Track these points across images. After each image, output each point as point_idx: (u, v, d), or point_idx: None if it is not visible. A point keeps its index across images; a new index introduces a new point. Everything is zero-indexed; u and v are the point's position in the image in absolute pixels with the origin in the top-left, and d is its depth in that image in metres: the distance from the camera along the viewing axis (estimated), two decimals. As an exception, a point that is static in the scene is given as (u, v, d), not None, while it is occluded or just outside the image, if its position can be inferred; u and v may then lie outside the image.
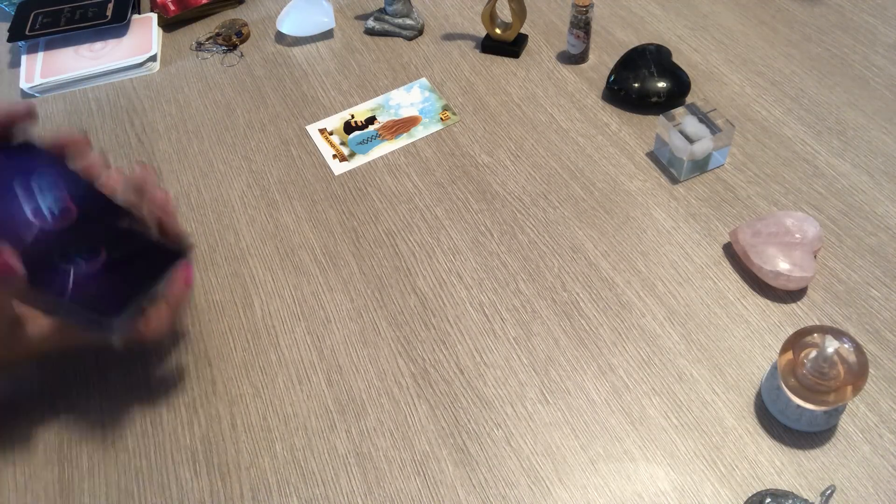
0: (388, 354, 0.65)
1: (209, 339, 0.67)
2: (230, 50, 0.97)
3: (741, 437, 0.57)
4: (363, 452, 0.59)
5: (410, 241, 0.73)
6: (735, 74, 0.85)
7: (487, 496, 0.56)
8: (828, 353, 0.51)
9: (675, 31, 0.92)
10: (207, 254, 0.74)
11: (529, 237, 0.72)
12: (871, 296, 0.65)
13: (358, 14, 0.99)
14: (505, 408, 0.60)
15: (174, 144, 0.85)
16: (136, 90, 0.93)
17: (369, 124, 0.84)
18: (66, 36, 0.98)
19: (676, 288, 0.67)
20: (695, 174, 0.75)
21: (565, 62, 0.89)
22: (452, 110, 0.85)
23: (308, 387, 0.63)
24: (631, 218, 0.72)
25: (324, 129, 0.84)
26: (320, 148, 0.82)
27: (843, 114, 0.80)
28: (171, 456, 0.60)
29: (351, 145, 0.82)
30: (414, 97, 0.87)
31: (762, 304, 0.65)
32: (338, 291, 0.70)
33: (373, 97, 0.87)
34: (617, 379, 0.61)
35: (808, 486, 0.54)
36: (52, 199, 0.47)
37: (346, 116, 0.86)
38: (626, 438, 0.58)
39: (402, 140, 0.82)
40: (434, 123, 0.83)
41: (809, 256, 0.64)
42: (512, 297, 0.67)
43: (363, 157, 0.81)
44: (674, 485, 0.55)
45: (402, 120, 0.84)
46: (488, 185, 0.77)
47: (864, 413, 0.58)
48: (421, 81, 0.88)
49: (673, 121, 0.73)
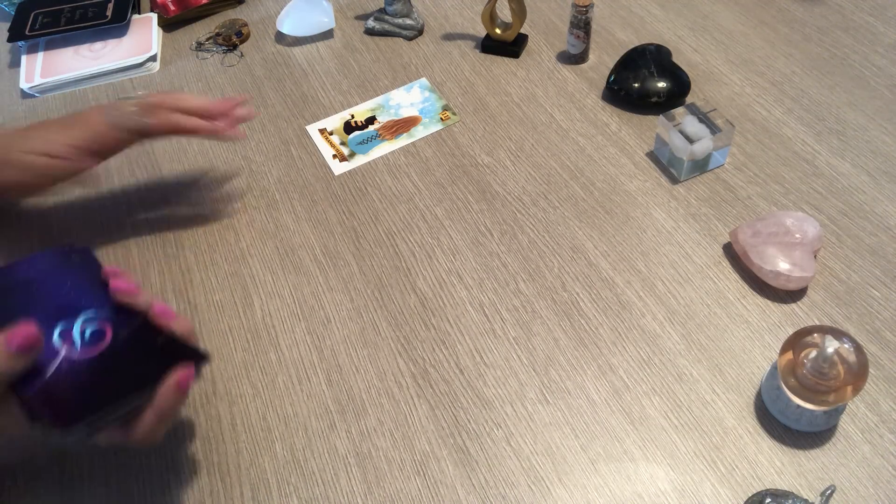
0: (388, 354, 0.65)
1: (209, 339, 0.67)
2: (230, 50, 0.97)
3: (741, 437, 0.57)
4: (363, 452, 0.59)
5: (410, 241, 0.73)
6: (735, 74, 0.85)
7: (487, 496, 0.56)
8: (828, 353, 0.51)
9: (675, 31, 0.92)
10: (207, 254, 0.74)
11: (529, 237, 0.72)
12: (871, 296, 0.65)
13: (358, 14, 0.99)
14: (505, 408, 0.60)
15: (174, 144, 0.85)
16: (136, 90, 0.93)
17: (369, 124, 0.84)
18: (66, 36, 0.98)
19: (676, 288, 0.67)
20: (695, 174, 0.75)
21: (565, 62, 0.89)
22: (452, 110, 0.85)
23: (308, 387, 0.63)
24: (631, 218, 0.72)
25: (324, 129, 0.84)
26: (320, 148, 0.82)
27: (843, 114, 0.80)
28: (170, 456, 0.60)
29: (351, 145, 0.82)
30: (414, 97, 0.87)
31: (762, 304, 0.65)
32: (338, 291, 0.70)
33: (373, 97, 0.87)
34: (617, 379, 0.61)
35: (808, 486, 0.54)
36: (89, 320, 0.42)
37: (346, 116, 0.86)
38: (626, 438, 0.58)
39: (402, 140, 0.82)
40: (434, 123, 0.83)
41: (809, 256, 0.64)
42: (512, 297, 0.67)
43: (363, 157, 0.81)
44: (674, 485, 0.55)
45: (402, 120, 0.84)
46: (488, 185, 0.77)
47: (864, 413, 0.58)
48: (421, 81, 0.88)
49: (673, 121, 0.73)
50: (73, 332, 0.42)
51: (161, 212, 0.78)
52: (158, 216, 0.77)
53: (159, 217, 0.77)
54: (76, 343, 0.42)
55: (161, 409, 0.49)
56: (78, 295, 0.43)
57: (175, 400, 0.49)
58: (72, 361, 0.41)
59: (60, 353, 0.41)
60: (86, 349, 0.42)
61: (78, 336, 0.42)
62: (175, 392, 0.49)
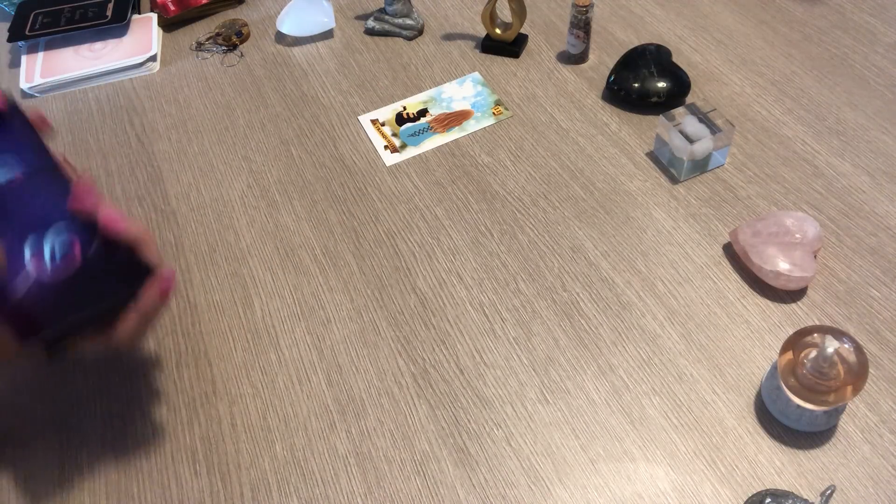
0: (388, 354, 0.65)
1: (209, 339, 0.67)
2: (230, 50, 0.97)
3: (741, 437, 0.57)
4: (363, 452, 0.59)
5: (410, 241, 0.73)
6: (735, 74, 0.85)
7: (487, 496, 0.56)
8: (828, 353, 0.51)
9: (675, 31, 0.92)
10: (207, 254, 0.74)
11: (529, 237, 0.72)
12: (871, 296, 0.65)
13: (358, 14, 0.99)
14: (505, 408, 0.60)
15: (174, 144, 0.85)
16: (136, 90, 0.93)
17: (421, 116, 0.85)
18: (66, 36, 0.98)
19: (676, 288, 0.67)
20: (695, 174, 0.75)
21: (565, 62, 0.89)
22: (505, 105, 0.85)
23: (308, 387, 0.63)
24: (631, 218, 0.72)
25: (376, 119, 0.85)
26: (372, 138, 0.83)
27: (843, 114, 0.80)
28: (171, 456, 0.60)
29: (403, 136, 0.83)
30: (466, 91, 0.87)
31: (762, 304, 0.65)
32: (338, 291, 0.70)
33: (424, 90, 0.88)
34: (617, 379, 0.61)
35: (808, 486, 0.54)
36: None
37: (397, 108, 0.86)
38: (626, 438, 0.58)
39: (453, 133, 0.82)
40: (486, 118, 0.83)
41: (809, 256, 0.64)
42: (512, 297, 0.67)
43: (414, 149, 0.81)
44: (674, 485, 0.55)
45: (453, 113, 0.85)
46: (488, 185, 0.77)
47: (864, 413, 0.58)
48: (473, 76, 0.88)
49: (673, 121, 0.73)
50: (43, 251, 0.42)
51: (161, 212, 0.78)
52: (158, 216, 0.78)
53: (159, 217, 0.77)
54: (46, 263, 0.41)
55: (144, 312, 0.51)
56: (45, 206, 0.43)
57: (157, 303, 0.52)
58: (42, 283, 0.41)
59: (31, 275, 0.41)
60: (56, 268, 0.42)
61: (48, 255, 0.42)
62: (157, 296, 0.52)
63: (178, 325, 0.68)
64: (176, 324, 0.68)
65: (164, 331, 0.68)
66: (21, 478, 0.60)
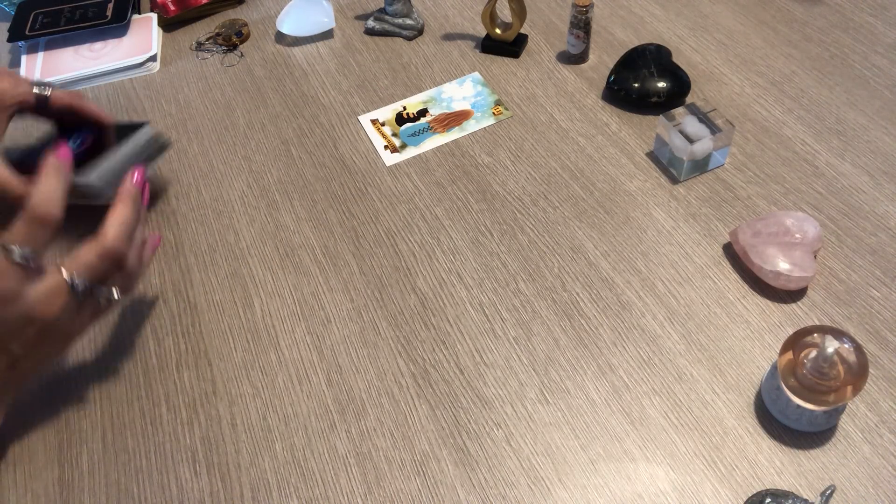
0: (388, 354, 0.65)
1: (209, 339, 0.67)
2: (230, 50, 0.97)
3: (741, 437, 0.57)
4: (363, 452, 0.59)
5: (410, 241, 0.73)
6: (735, 74, 0.85)
7: (487, 496, 0.56)
8: (828, 353, 0.51)
9: (675, 31, 0.92)
10: (207, 254, 0.74)
11: (529, 237, 0.72)
12: (871, 296, 0.65)
13: (358, 14, 0.99)
14: (505, 408, 0.60)
15: (174, 145, 0.85)
16: (136, 90, 0.93)
17: (421, 116, 0.85)
18: (66, 36, 0.98)
19: (676, 288, 0.67)
20: (695, 174, 0.75)
21: (565, 62, 0.89)
22: (505, 105, 0.85)
23: (308, 387, 0.63)
24: (631, 218, 0.73)
25: (376, 119, 0.85)
26: (372, 138, 0.82)
27: (843, 114, 0.80)
28: (171, 456, 0.60)
29: (403, 136, 0.83)
30: (466, 91, 0.87)
31: (762, 304, 0.65)
32: (338, 291, 0.70)
33: (424, 90, 0.88)
34: (617, 379, 0.61)
35: (808, 486, 0.54)
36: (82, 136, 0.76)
37: (397, 108, 0.86)
38: (626, 438, 0.58)
39: (453, 133, 0.82)
40: (486, 118, 0.83)
41: (809, 256, 0.64)
42: (512, 297, 0.67)
43: (414, 149, 0.81)
44: (674, 485, 0.55)
45: (453, 113, 0.84)
46: (488, 185, 0.77)
47: (864, 413, 0.58)
48: (473, 76, 0.88)
49: (673, 121, 0.73)
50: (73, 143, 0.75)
51: (161, 212, 0.78)
52: (158, 216, 0.78)
53: (159, 217, 0.77)
54: (74, 145, 0.74)
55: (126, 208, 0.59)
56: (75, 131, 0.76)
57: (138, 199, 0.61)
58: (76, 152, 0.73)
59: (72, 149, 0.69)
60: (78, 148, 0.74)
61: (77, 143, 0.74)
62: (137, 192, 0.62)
63: (178, 325, 0.68)
64: (176, 324, 0.68)
65: (164, 331, 0.68)
66: (21, 478, 0.60)
